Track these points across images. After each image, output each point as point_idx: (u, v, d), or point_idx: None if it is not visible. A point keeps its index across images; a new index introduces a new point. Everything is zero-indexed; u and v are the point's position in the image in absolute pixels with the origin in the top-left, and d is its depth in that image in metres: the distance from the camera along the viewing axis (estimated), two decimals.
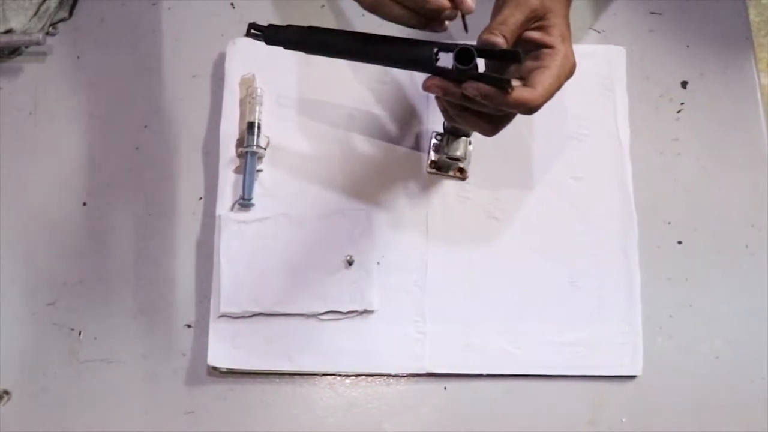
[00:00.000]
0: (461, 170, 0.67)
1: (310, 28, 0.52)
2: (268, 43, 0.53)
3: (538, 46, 0.51)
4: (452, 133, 0.64)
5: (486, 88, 0.47)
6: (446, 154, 0.64)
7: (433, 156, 0.67)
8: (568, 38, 0.52)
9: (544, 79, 0.49)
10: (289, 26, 0.53)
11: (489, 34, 0.49)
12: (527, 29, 0.51)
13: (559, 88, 0.51)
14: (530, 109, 0.49)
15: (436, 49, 0.49)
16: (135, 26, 0.72)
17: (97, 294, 0.65)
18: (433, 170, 0.67)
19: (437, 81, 0.49)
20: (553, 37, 0.51)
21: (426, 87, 0.49)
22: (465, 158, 0.65)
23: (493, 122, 0.52)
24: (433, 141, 0.67)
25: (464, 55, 0.47)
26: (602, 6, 0.73)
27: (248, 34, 0.53)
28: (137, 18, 0.72)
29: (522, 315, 0.64)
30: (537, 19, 0.51)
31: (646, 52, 0.71)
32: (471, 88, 0.47)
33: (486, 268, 0.65)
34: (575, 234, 0.66)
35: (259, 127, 0.67)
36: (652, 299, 0.65)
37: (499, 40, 0.48)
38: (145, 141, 0.69)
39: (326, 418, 0.63)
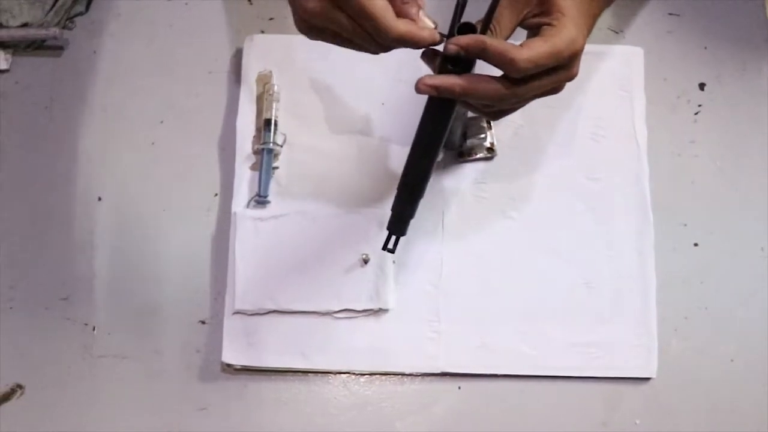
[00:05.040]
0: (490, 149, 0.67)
1: (398, 187, 0.55)
2: (405, 230, 0.57)
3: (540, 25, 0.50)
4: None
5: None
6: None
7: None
8: (574, 17, 0.50)
9: (535, 45, 0.48)
10: (392, 208, 0.56)
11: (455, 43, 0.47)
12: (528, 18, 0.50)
13: (554, 60, 0.48)
14: (513, 64, 0.46)
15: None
16: (152, 21, 0.72)
17: (111, 289, 0.65)
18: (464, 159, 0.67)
19: (433, 80, 0.47)
20: (552, 17, 0.49)
21: (420, 89, 0.48)
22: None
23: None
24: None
25: (466, 29, 0.47)
26: (620, 7, 0.72)
27: (390, 251, 0.57)
28: (154, 13, 0.72)
29: (537, 315, 0.64)
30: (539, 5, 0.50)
31: (664, 54, 0.71)
32: (451, 46, 0.46)
33: (501, 268, 0.65)
34: (591, 235, 0.66)
35: (275, 124, 0.67)
36: (667, 301, 0.65)
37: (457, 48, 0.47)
38: (160, 136, 0.69)
39: (340, 416, 0.62)
